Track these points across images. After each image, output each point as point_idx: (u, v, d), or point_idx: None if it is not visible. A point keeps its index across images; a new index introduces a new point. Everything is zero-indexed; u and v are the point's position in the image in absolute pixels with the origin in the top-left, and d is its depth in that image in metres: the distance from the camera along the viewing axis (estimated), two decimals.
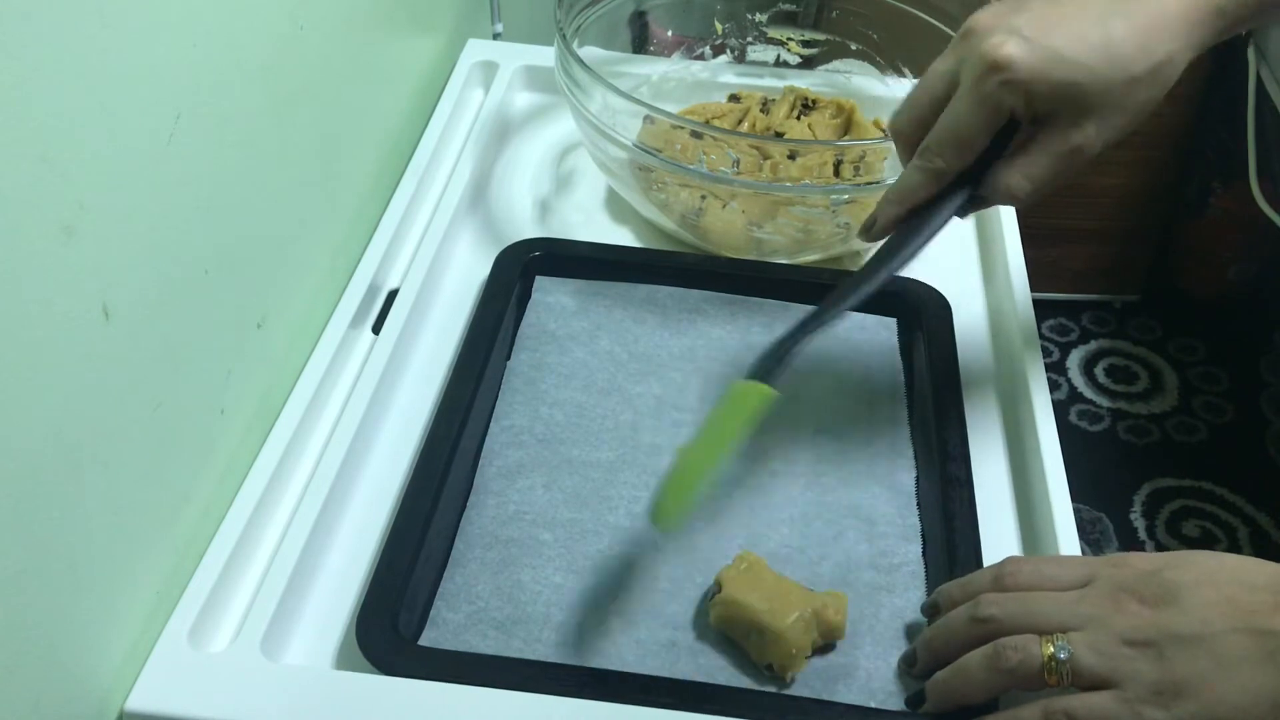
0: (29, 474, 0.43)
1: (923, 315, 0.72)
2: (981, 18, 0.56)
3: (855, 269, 0.80)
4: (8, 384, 0.41)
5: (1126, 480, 1.62)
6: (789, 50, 0.94)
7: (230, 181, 0.57)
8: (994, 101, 0.54)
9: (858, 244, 0.80)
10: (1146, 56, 0.54)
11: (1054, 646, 0.48)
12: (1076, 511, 0.61)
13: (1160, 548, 1.54)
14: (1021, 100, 0.54)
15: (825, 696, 0.54)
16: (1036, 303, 0.74)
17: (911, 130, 0.59)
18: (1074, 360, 1.81)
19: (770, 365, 0.57)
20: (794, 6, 0.93)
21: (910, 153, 0.59)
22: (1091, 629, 0.49)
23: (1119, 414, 1.72)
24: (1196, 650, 0.46)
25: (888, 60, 0.91)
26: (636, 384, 0.69)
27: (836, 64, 0.93)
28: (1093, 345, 1.83)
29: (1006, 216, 0.81)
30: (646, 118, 0.76)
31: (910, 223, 0.59)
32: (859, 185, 0.73)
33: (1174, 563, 0.50)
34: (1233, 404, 1.73)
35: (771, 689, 0.55)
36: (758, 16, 0.93)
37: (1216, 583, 0.48)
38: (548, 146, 0.90)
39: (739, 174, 0.75)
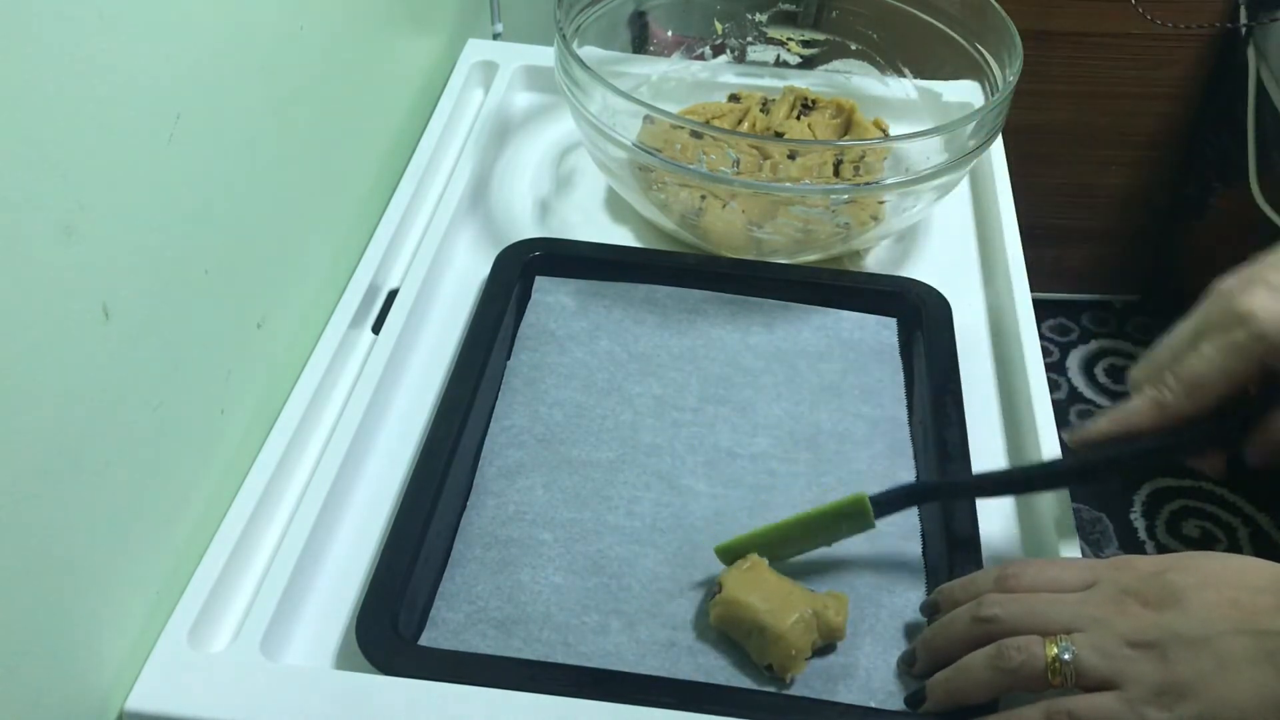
0: (29, 474, 0.43)
1: (923, 315, 0.72)
2: (1229, 277, 0.56)
3: (854, 269, 0.80)
4: (8, 384, 0.41)
5: (1126, 480, 1.62)
6: (789, 50, 0.94)
7: (230, 181, 0.57)
8: (1240, 351, 0.53)
9: (857, 244, 0.80)
10: None
11: (1058, 647, 0.48)
12: (1076, 511, 0.61)
13: (1160, 548, 1.54)
14: (1273, 352, 0.53)
15: (825, 697, 0.54)
16: (1036, 303, 0.74)
17: (1146, 379, 0.58)
18: (1074, 360, 1.81)
19: (892, 498, 0.59)
20: (794, 6, 0.93)
21: None
22: (1094, 630, 0.49)
23: None
24: (1199, 652, 0.46)
25: (887, 60, 0.91)
26: (636, 384, 0.69)
27: (836, 64, 0.93)
28: (1093, 345, 1.83)
29: (1006, 216, 0.81)
30: (646, 118, 0.76)
31: (1119, 444, 0.58)
32: (859, 185, 0.73)
33: (1176, 565, 0.50)
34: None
35: (771, 689, 0.55)
36: (758, 16, 0.93)
37: (1219, 585, 0.48)
38: (547, 146, 0.90)
39: (739, 174, 0.75)
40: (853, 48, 0.92)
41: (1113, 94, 1.61)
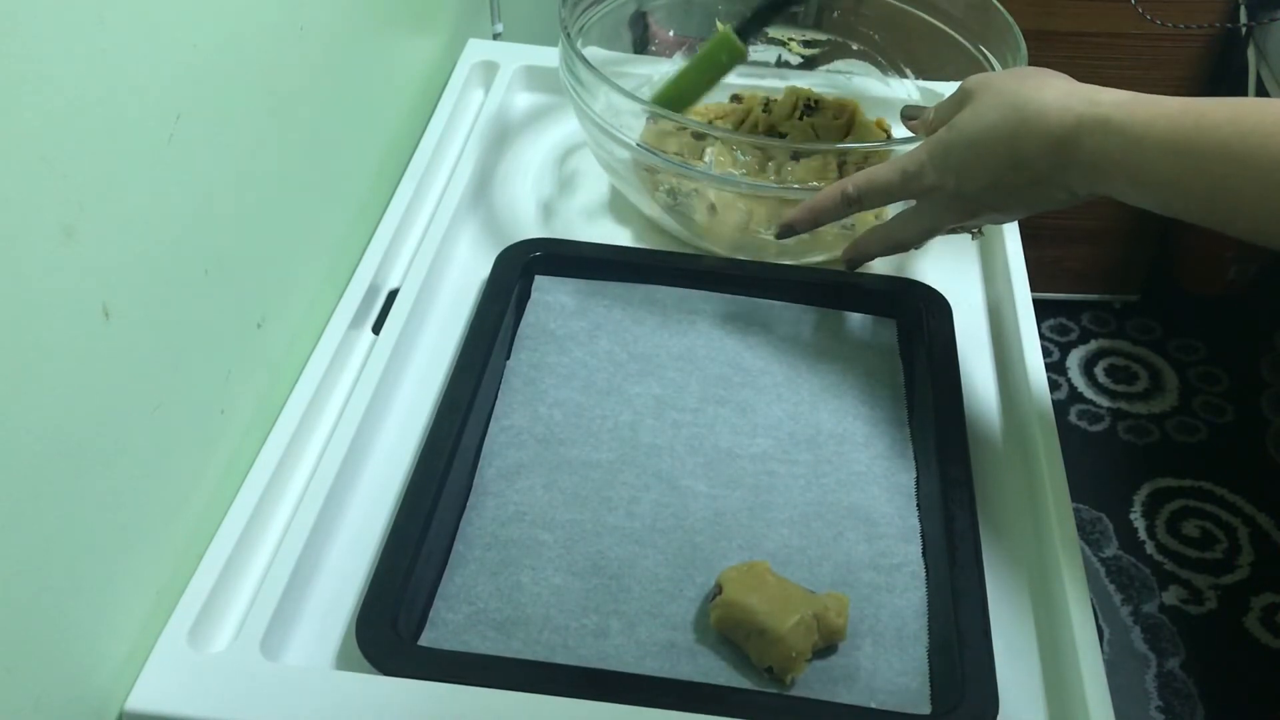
0: (30, 474, 0.43)
1: (923, 315, 0.72)
2: None
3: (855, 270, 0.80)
4: (8, 384, 0.41)
5: (1126, 480, 1.62)
6: (790, 50, 0.94)
7: (230, 181, 0.57)
8: None
9: None
10: None
11: None
12: (1076, 511, 0.61)
13: (1160, 547, 1.54)
14: None
15: (826, 698, 0.54)
16: (1036, 303, 0.74)
17: None
18: (1074, 360, 1.81)
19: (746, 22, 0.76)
20: (795, 7, 0.93)
21: None
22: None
23: (1119, 414, 1.72)
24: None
25: (889, 60, 0.91)
26: (636, 384, 0.69)
27: (838, 64, 0.93)
28: (1093, 345, 1.83)
29: None
30: (650, 118, 0.76)
31: None
32: None
33: None
34: (1233, 404, 1.73)
35: (772, 690, 0.55)
36: None
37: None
38: (548, 147, 0.90)
39: (745, 175, 0.75)
40: (854, 48, 0.92)
41: None
